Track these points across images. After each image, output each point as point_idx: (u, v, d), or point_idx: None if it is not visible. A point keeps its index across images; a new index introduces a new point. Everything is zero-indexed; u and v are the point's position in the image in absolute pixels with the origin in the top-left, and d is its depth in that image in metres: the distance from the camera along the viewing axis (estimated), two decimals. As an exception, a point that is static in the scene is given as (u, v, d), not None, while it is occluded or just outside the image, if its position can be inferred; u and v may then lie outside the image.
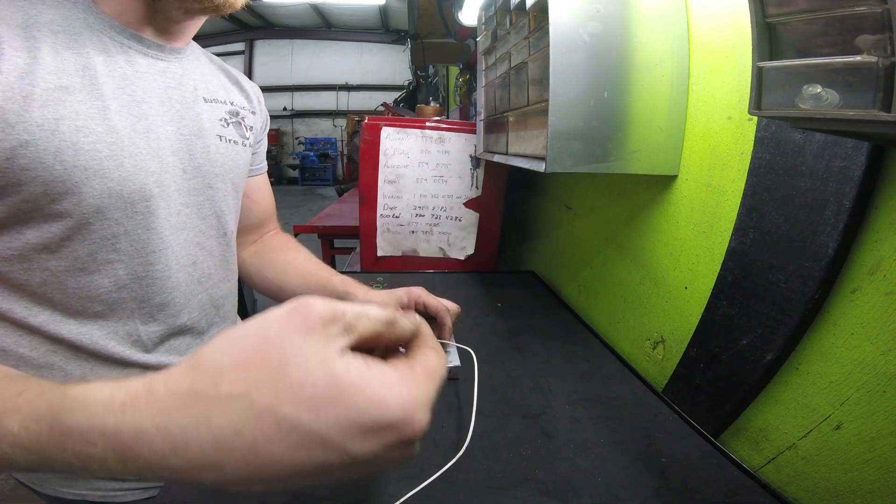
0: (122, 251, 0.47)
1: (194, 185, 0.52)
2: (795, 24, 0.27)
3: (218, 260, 0.58)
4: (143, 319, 0.50)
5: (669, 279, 0.61)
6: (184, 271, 0.53)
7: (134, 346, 0.50)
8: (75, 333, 0.47)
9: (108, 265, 0.46)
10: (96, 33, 0.44)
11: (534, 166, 0.59)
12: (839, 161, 0.37)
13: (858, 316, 0.37)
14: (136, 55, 0.47)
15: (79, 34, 0.43)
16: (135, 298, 0.49)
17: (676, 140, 0.57)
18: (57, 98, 0.40)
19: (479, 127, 0.93)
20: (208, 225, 0.56)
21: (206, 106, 0.54)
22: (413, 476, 0.40)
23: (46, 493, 0.52)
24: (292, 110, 10.22)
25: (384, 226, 1.06)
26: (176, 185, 0.50)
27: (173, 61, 0.51)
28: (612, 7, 0.53)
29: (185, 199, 0.52)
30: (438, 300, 0.59)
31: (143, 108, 0.47)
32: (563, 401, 0.54)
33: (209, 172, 0.54)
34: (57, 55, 0.41)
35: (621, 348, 0.70)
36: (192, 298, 0.55)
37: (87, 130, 0.41)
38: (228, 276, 0.62)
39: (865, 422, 0.37)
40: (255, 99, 0.65)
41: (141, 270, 0.48)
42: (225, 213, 0.57)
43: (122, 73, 0.45)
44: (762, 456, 0.46)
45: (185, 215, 0.52)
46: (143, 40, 0.47)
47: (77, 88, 0.41)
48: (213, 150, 0.54)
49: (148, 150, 0.47)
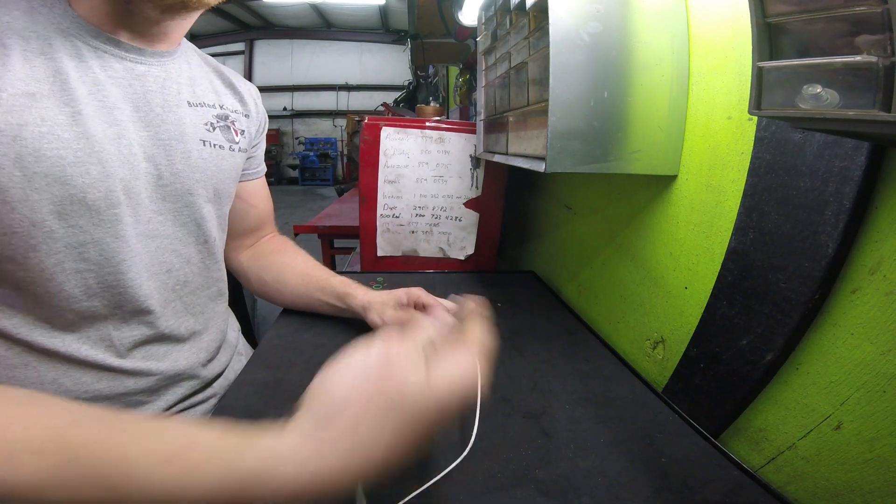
0: (90, 260, 0.46)
1: (171, 191, 0.51)
2: (795, 24, 0.27)
3: (197, 267, 0.57)
4: (115, 325, 0.50)
5: (669, 279, 0.61)
6: (156, 279, 0.52)
7: (107, 350, 0.50)
8: (47, 337, 0.46)
9: (77, 274, 0.45)
10: (70, 38, 0.43)
11: (534, 166, 0.59)
12: (839, 161, 0.37)
13: (858, 316, 0.37)
14: (112, 59, 0.46)
15: (52, 39, 0.42)
16: (106, 306, 0.48)
17: (676, 140, 0.57)
18: (22, 104, 0.39)
19: (479, 127, 0.93)
20: (186, 232, 0.55)
21: (189, 110, 0.53)
22: (413, 476, 0.40)
23: None
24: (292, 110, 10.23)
25: (384, 226, 1.06)
26: (148, 193, 0.49)
27: (155, 65, 0.49)
28: (612, 7, 0.53)
29: (160, 205, 0.51)
30: (438, 300, 0.59)
31: (115, 113, 0.46)
32: (563, 401, 0.54)
33: (189, 178, 0.52)
34: (27, 62, 0.40)
35: (621, 348, 0.70)
36: (168, 306, 0.54)
37: (51, 137, 0.41)
38: (209, 283, 0.60)
39: (865, 422, 0.37)
40: (251, 101, 0.64)
41: (111, 279, 0.47)
42: (206, 219, 0.56)
43: (93, 79, 0.44)
44: (762, 456, 0.46)
45: (158, 222, 0.51)
46: (121, 44, 0.46)
47: (45, 95, 0.41)
48: (194, 156, 0.53)
49: (118, 157, 0.45)
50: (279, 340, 0.67)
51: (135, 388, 0.52)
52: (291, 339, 0.68)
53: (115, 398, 0.51)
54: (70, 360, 0.48)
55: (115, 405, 0.51)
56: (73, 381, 0.48)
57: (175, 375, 0.56)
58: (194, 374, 0.58)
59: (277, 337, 0.68)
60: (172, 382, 0.56)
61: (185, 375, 0.57)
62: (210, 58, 0.62)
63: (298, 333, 0.69)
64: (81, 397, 0.49)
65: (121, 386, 0.51)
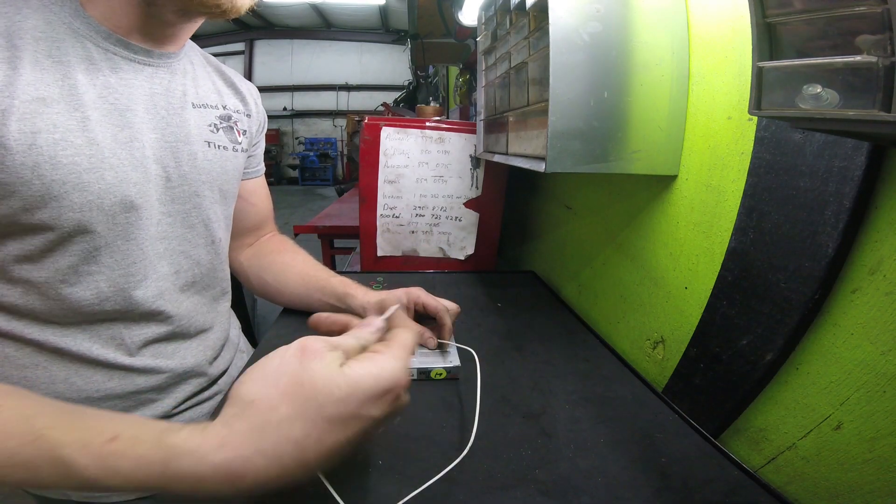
0: (103, 263, 0.46)
1: (180, 193, 0.51)
2: (795, 24, 0.27)
3: (206, 268, 0.58)
4: (126, 325, 0.50)
5: (669, 279, 0.61)
6: (166, 280, 0.52)
7: (118, 349, 0.50)
8: (58, 337, 0.47)
9: (90, 276, 0.46)
10: (80, 40, 0.43)
11: (534, 166, 0.59)
12: (839, 161, 0.37)
13: (858, 316, 0.37)
14: (122, 62, 0.46)
15: (61, 41, 0.41)
16: (118, 310, 0.48)
17: (676, 140, 0.57)
18: (34, 111, 0.39)
19: (479, 127, 0.93)
20: (195, 234, 0.55)
21: (194, 112, 0.53)
22: (414, 476, 0.40)
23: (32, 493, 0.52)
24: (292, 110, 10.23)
25: (384, 226, 1.06)
26: (158, 195, 0.49)
27: (161, 66, 0.49)
28: (612, 7, 0.53)
29: (169, 208, 0.51)
30: (438, 300, 0.59)
31: (128, 116, 0.46)
32: (563, 401, 0.54)
33: (196, 180, 0.53)
34: (37, 64, 0.40)
35: (621, 348, 0.70)
36: (179, 307, 0.54)
37: (65, 143, 0.40)
38: (215, 283, 0.61)
39: (865, 422, 0.37)
40: (252, 101, 0.64)
41: (123, 282, 0.48)
42: (213, 220, 0.56)
43: (104, 82, 0.44)
44: (762, 456, 0.46)
45: (168, 224, 0.51)
46: (130, 45, 0.46)
47: (55, 99, 0.40)
48: (199, 157, 0.53)
49: (130, 161, 0.45)
50: (279, 340, 0.67)
51: (145, 386, 0.53)
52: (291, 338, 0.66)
53: (126, 396, 0.52)
54: (81, 359, 0.48)
55: (126, 403, 0.52)
56: (85, 379, 0.49)
57: (184, 373, 0.56)
58: (201, 372, 0.59)
59: (277, 337, 0.68)
60: (181, 380, 0.57)
61: (193, 373, 0.58)
62: (211, 57, 0.62)
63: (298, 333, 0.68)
64: (93, 396, 0.49)
65: (131, 384, 0.51)
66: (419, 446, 0.46)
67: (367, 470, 0.42)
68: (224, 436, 0.28)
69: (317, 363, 0.30)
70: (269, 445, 0.27)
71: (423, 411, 0.51)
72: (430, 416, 0.51)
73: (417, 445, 0.46)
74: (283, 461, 0.27)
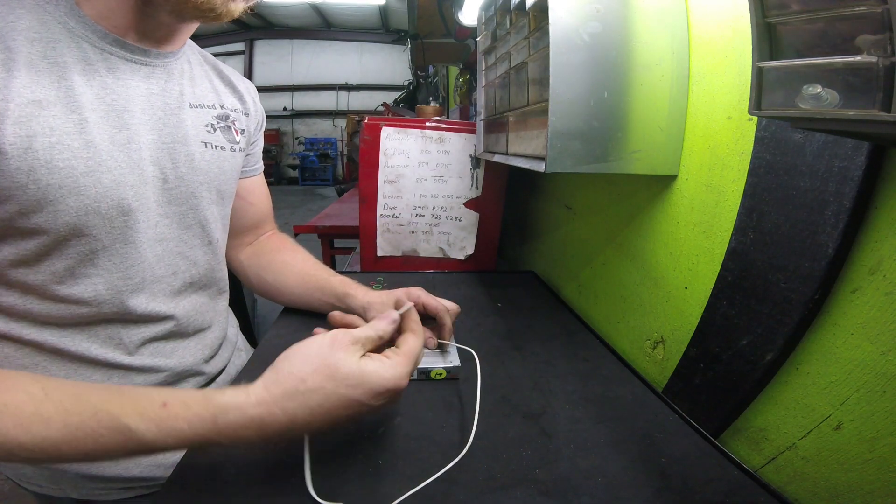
0: (100, 266, 0.46)
1: (177, 194, 0.51)
2: (795, 24, 0.27)
3: (203, 269, 0.57)
4: (124, 325, 0.50)
5: (669, 279, 0.61)
6: (163, 282, 0.52)
7: (117, 349, 0.50)
8: (57, 338, 0.47)
9: (87, 279, 0.46)
10: (76, 40, 0.42)
11: (534, 166, 0.59)
12: (839, 161, 0.37)
13: (858, 316, 0.37)
14: (118, 62, 0.45)
15: (57, 42, 0.41)
16: (116, 311, 0.48)
17: (676, 140, 0.57)
18: (30, 114, 0.38)
19: (479, 127, 0.93)
20: (192, 234, 0.54)
21: (191, 112, 0.52)
22: (414, 475, 0.40)
23: (32, 490, 0.52)
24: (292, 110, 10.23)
25: (384, 226, 1.06)
26: (156, 197, 0.49)
27: (158, 66, 0.49)
28: (612, 7, 0.53)
29: (166, 209, 0.51)
30: (438, 300, 0.59)
31: (125, 117, 0.45)
32: (563, 401, 0.54)
33: (193, 181, 0.52)
34: (32, 66, 0.39)
35: (621, 348, 0.70)
36: (177, 307, 0.54)
37: (61, 147, 0.40)
38: (213, 283, 0.61)
39: (865, 422, 0.37)
40: (250, 99, 0.63)
41: (120, 284, 0.48)
42: (210, 221, 0.56)
43: (101, 83, 0.43)
44: (762, 456, 0.46)
45: (165, 226, 0.51)
46: (127, 45, 0.45)
47: (51, 102, 0.40)
48: (197, 158, 0.52)
49: (127, 163, 0.45)
50: (279, 340, 0.67)
51: (144, 385, 0.53)
52: (291, 338, 0.67)
53: None
54: (80, 359, 0.48)
55: None
56: (84, 379, 0.49)
57: (182, 372, 0.56)
58: (199, 371, 0.59)
59: (277, 336, 0.68)
60: (180, 379, 0.57)
61: (191, 372, 0.58)
62: (209, 55, 0.61)
63: (298, 333, 0.69)
64: None
65: (130, 383, 0.52)
66: (419, 446, 0.46)
67: (367, 469, 0.42)
68: (263, 396, 0.35)
69: (341, 353, 0.37)
70: (292, 407, 0.35)
71: (423, 411, 0.51)
72: (430, 415, 0.51)
73: (417, 445, 0.46)
74: (296, 421, 0.36)
